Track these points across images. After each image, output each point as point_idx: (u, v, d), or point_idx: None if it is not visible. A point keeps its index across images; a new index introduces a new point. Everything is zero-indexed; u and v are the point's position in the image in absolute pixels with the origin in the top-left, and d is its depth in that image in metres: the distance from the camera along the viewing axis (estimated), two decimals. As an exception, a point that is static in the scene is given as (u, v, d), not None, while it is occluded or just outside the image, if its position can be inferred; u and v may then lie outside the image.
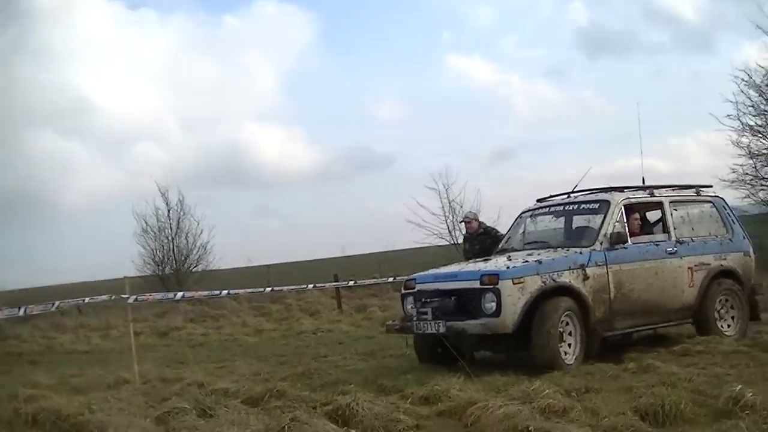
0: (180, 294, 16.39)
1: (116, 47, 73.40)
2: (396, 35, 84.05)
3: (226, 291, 15.63)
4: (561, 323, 9.59)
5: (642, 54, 78.53)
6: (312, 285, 17.09)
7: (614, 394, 7.53)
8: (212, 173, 68.24)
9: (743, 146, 23.24)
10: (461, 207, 28.18)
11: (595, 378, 8.59)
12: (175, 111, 76.82)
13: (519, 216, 12.23)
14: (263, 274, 31.59)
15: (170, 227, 34.03)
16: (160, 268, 33.61)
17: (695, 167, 68.06)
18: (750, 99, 23.10)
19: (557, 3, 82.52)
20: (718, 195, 12.18)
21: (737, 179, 23.31)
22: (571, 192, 11.67)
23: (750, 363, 8.84)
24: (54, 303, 13.12)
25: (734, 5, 62.13)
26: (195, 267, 33.91)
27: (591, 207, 11.06)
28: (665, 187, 11.65)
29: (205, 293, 17.36)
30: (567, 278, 9.81)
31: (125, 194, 74.04)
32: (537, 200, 12.16)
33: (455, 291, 9.98)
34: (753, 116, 23.23)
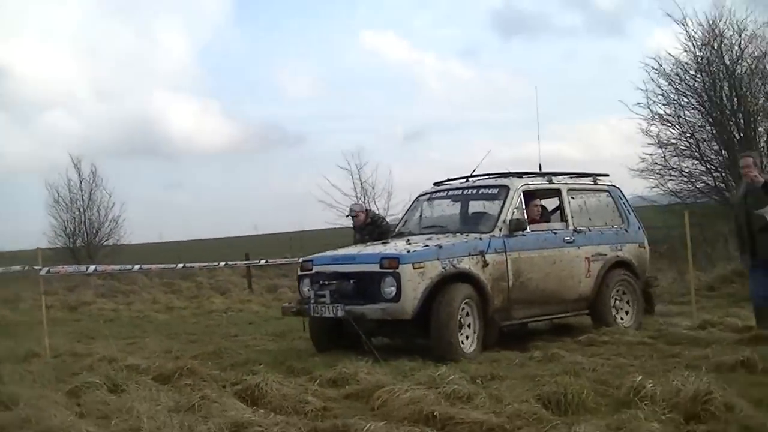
0: (92, 267, 16.36)
1: (28, 11, 71.76)
2: (312, 10, 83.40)
3: (138, 266, 15.59)
4: (460, 311, 9.42)
5: (555, 36, 79.11)
6: (224, 263, 17.13)
7: (519, 382, 7.55)
8: (123, 144, 67.64)
9: (653, 135, 23.40)
10: (373, 188, 28.77)
11: (501, 366, 8.69)
12: (88, 79, 75.45)
13: (416, 199, 12.11)
14: (174, 250, 31.49)
15: (82, 199, 33.84)
16: (72, 241, 33.27)
17: (606, 155, 68.61)
18: (660, 87, 23.32)
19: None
20: (614, 184, 12.09)
21: (647, 168, 23.45)
22: (469, 176, 11.54)
23: (653, 354, 8.99)
24: (-36, 268, 13.09)
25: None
26: (106, 241, 33.69)
27: (490, 192, 10.89)
28: (563, 175, 11.54)
29: (118, 267, 17.33)
30: (467, 264, 9.65)
31: (36, 163, 72.48)
32: (434, 184, 12.00)
33: (354, 274, 9.74)
34: (663, 105, 23.45)
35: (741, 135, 22.70)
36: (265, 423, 6.11)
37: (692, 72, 23.28)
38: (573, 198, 11.33)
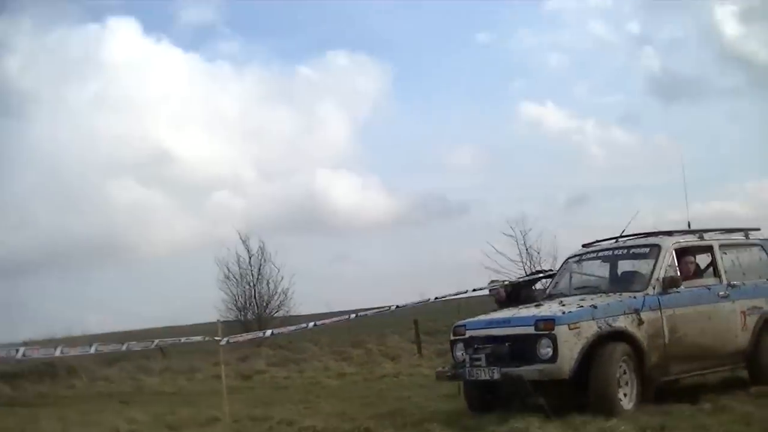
0: (269, 332, 17.06)
1: (194, 99, 75.11)
2: (468, 83, 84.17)
3: (312, 323, 16.05)
4: (618, 369, 9.34)
5: (716, 96, 77.21)
6: (394, 306, 17.54)
7: None
8: (289, 221, 68.96)
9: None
10: (538, 253, 28.57)
11: (672, 417, 8.67)
12: (252, 160, 78.04)
13: (565, 261, 12.09)
14: (342, 321, 31.99)
15: (251, 274, 34.78)
16: (242, 314, 34.23)
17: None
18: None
19: (629, 50, 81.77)
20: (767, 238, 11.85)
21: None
22: (619, 237, 11.50)
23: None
24: (153, 341, 13.75)
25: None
26: (276, 312, 34.47)
27: (641, 252, 10.85)
28: (714, 231, 11.47)
29: (293, 328, 17.93)
30: (622, 323, 9.57)
31: (205, 242, 75.09)
32: (582, 245, 11.99)
33: (509, 337, 9.68)
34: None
35: None
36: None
37: None
38: (725, 253, 11.16)
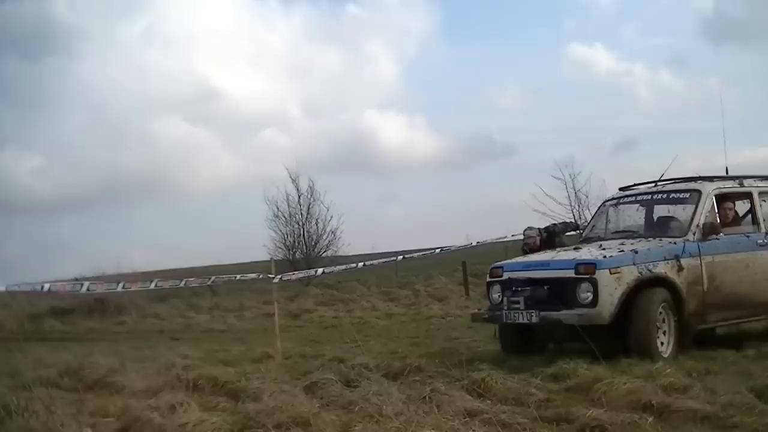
0: (320, 270, 17.70)
1: (242, 36, 75.32)
2: (517, 24, 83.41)
3: (362, 263, 16.36)
4: (658, 316, 9.37)
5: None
6: (438, 249, 17.87)
7: (733, 376, 7.81)
8: (334, 160, 69.20)
9: None
10: (587, 197, 28.69)
11: (716, 362, 8.82)
12: (299, 99, 78.24)
13: (602, 204, 12.09)
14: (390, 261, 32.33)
15: (300, 213, 35.08)
16: (291, 253, 34.62)
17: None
18: None
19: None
20: None
21: None
22: (657, 181, 11.35)
23: None
24: (210, 278, 14.20)
25: None
26: (324, 252, 34.87)
27: (680, 197, 10.73)
28: (754, 177, 11.19)
29: (343, 267, 18.34)
30: (662, 269, 9.53)
31: (252, 179, 75.70)
32: (620, 189, 11.88)
33: (548, 280, 9.70)
34: None
35: None
36: (493, 411, 6.62)
37: None
38: (765, 201, 10.99)
